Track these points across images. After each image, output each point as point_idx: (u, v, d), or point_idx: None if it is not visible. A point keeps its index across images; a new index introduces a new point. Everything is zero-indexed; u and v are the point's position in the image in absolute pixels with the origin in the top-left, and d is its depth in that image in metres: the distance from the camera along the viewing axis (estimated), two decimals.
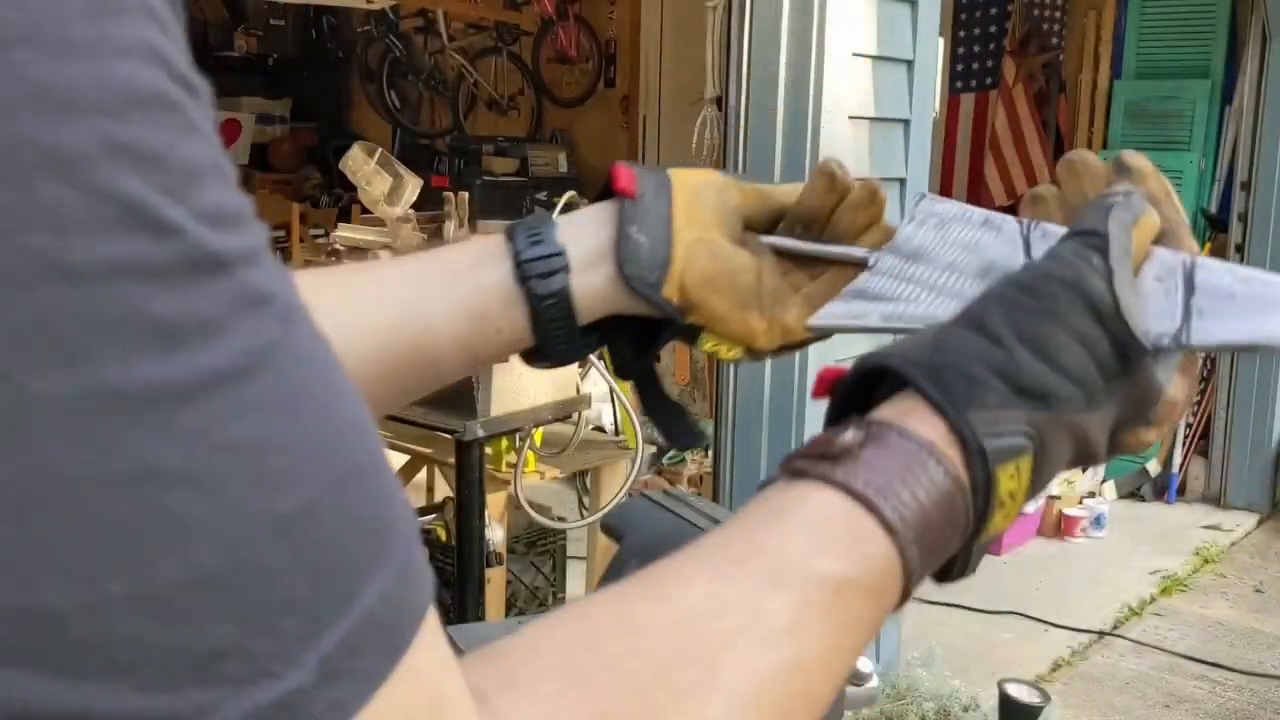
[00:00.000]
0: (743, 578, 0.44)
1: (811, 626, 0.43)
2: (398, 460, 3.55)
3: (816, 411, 3.02)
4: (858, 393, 0.52)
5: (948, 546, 0.48)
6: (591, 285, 0.67)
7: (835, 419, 0.52)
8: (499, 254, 0.67)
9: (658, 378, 0.74)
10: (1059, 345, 0.49)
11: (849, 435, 0.47)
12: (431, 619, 0.34)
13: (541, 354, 0.69)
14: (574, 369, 2.87)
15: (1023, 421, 0.48)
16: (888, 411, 0.49)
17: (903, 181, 3.09)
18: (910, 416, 0.48)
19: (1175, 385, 0.55)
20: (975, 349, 0.49)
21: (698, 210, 0.69)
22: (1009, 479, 0.47)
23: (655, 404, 0.75)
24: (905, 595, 0.47)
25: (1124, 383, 0.51)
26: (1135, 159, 0.60)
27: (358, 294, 0.66)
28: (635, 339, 0.72)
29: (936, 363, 0.49)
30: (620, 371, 0.73)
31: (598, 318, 0.69)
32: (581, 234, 0.68)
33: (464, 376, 0.77)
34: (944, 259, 0.65)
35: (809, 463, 0.47)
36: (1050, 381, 0.49)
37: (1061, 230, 0.59)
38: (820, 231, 0.72)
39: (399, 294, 0.66)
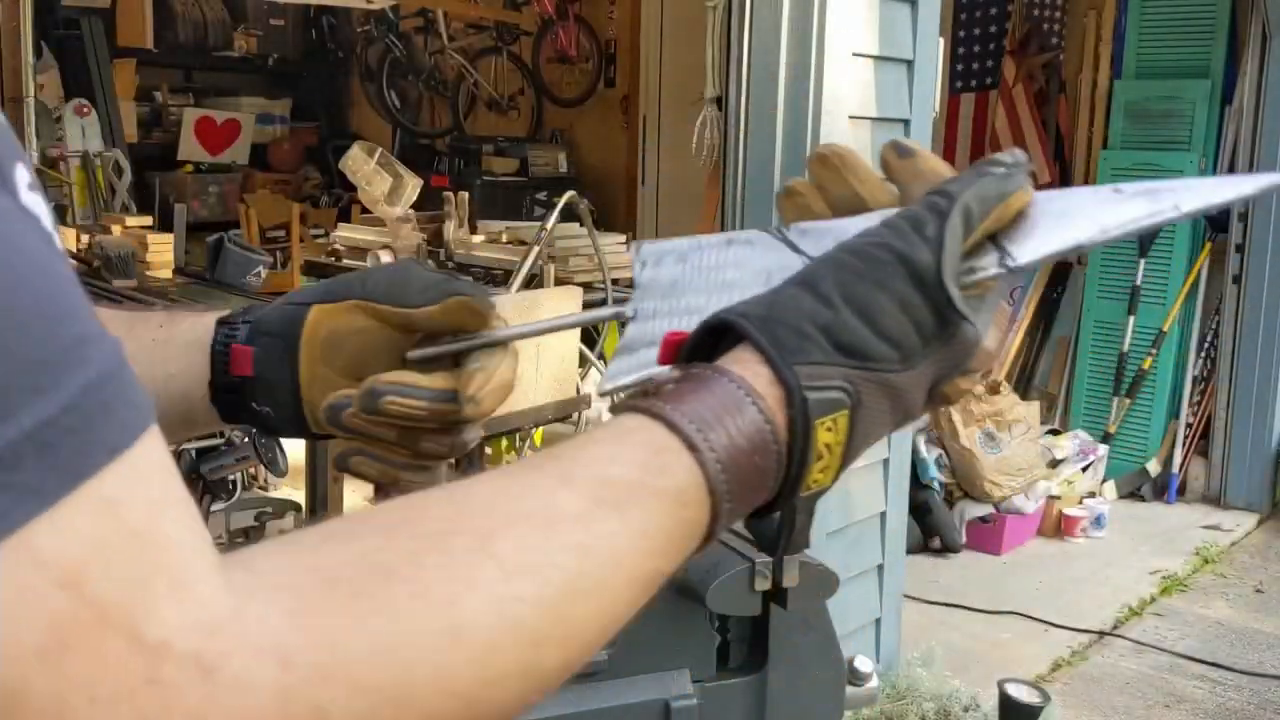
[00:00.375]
0: (536, 476, 0.47)
1: (601, 521, 0.45)
2: None
3: None
4: (701, 353, 0.55)
5: (762, 480, 0.50)
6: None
7: None
8: (203, 361, 0.73)
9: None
10: (881, 309, 0.53)
11: (666, 374, 0.51)
12: (143, 463, 0.36)
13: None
14: (574, 369, 2.88)
15: (842, 378, 0.52)
16: (720, 361, 0.52)
17: None
18: (737, 363, 0.51)
19: (991, 336, 0.58)
20: (807, 307, 0.53)
21: (320, 372, 0.72)
22: (826, 431, 0.51)
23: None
24: (715, 519, 0.49)
25: (941, 344, 0.54)
26: (911, 142, 0.62)
27: None
28: None
29: (770, 317, 0.52)
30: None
31: None
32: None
33: None
34: (713, 281, 0.65)
35: (627, 401, 0.51)
36: (870, 343, 0.52)
37: (823, 225, 0.62)
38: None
39: None
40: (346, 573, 0.40)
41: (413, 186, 4.25)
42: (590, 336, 3.50)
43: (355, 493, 4.45)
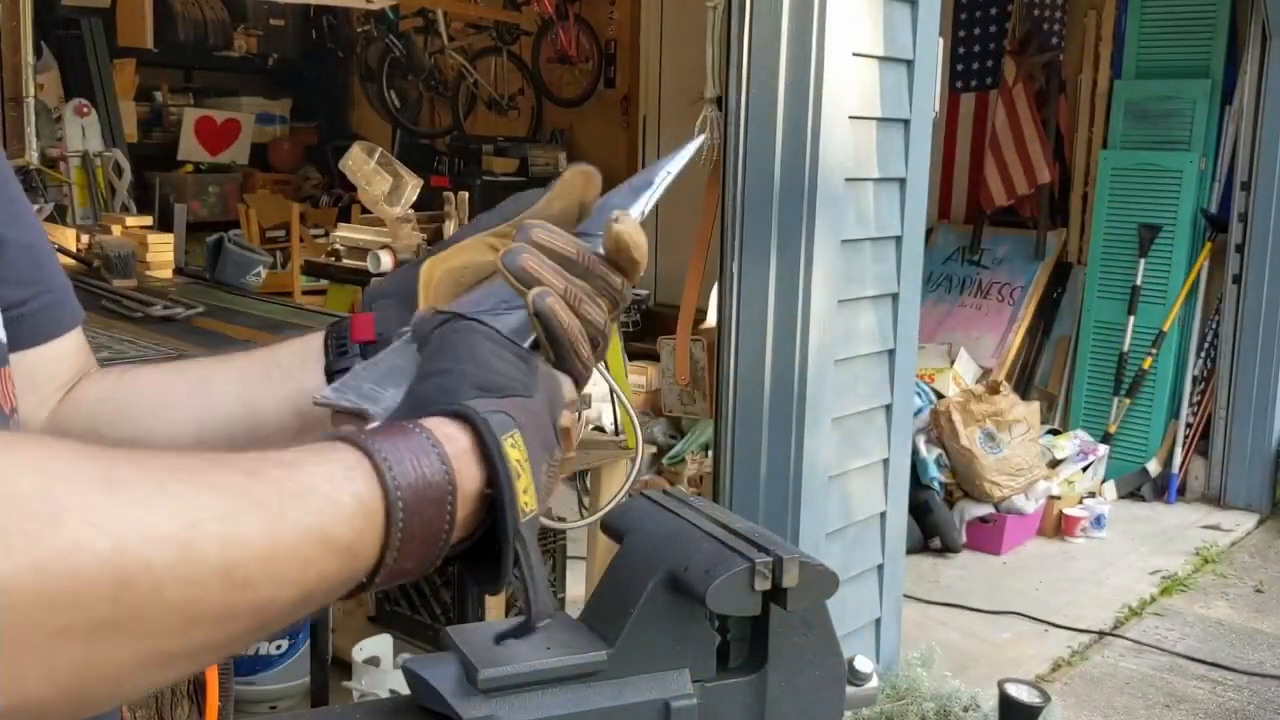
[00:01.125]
0: (229, 460, 0.51)
1: (255, 486, 0.49)
2: None
3: (816, 414, 3.02)
4: None
5: (434, 486, 0.55)
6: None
7: None
8: (319, 357, 0.78)
9: None
10: (486, 358, 0.64)
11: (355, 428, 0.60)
12: None
13: None
14: None
15: (496, 406, 0.60)
16: None
17: (902, 181, 3.09)
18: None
19: (566, 387, 0.68)
20: (439, 380, 0.63)
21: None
22: (512, 447, 0.59)
23: None
24: (389, 515, 0.53)
25: (537, 377, 0.65)
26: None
27: (218, 404, 0.80)
28: None
29: (417, 401, 0.63)
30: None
31: None
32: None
33: None
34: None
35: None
36: (497, 378, 0.63)
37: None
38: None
39: (245, 399, 0.80)
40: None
41: (413, 186, 4.25)
42: None
43: None
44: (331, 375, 0.75)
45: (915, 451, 4.37)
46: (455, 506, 0.57)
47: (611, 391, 3.07)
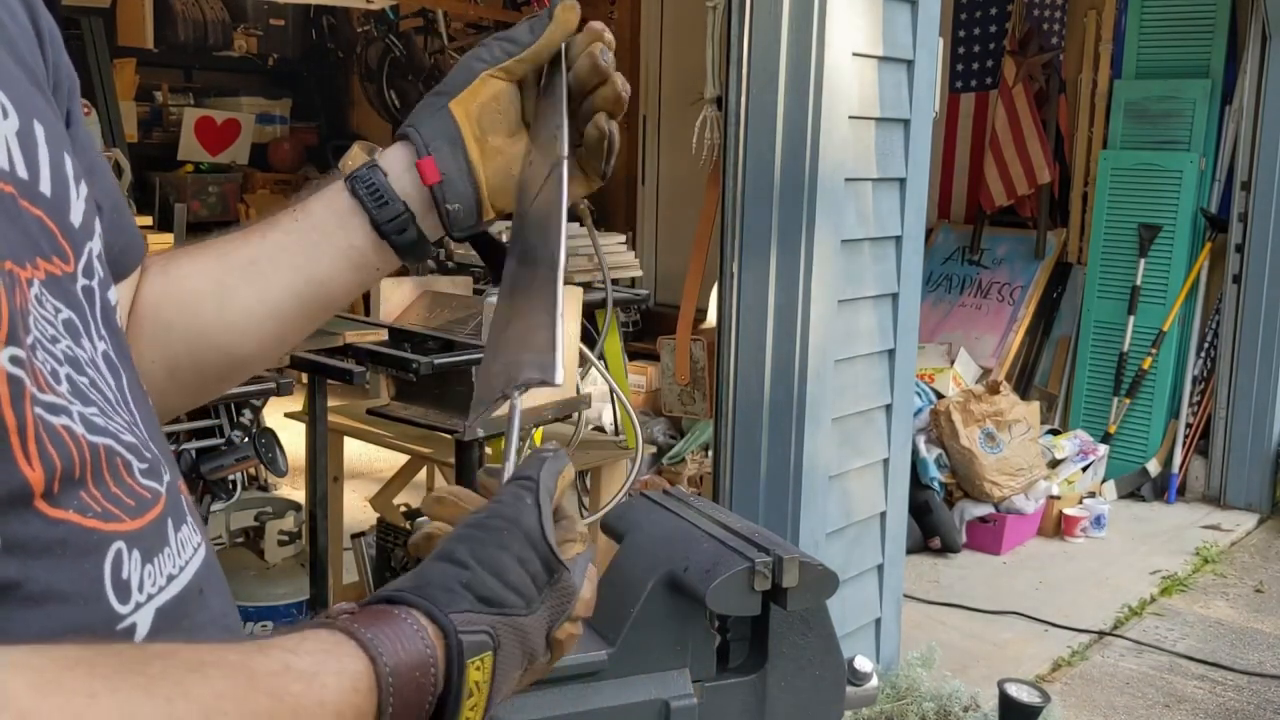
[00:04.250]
0: (241, 647, 0.55)
1: (291, 681, 0.54)
2: (397, 460, 3.55)
3: (816, 414, 3.02)
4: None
5: (421, 695, 0.60)
6: (433, 225, 0.88)
7: None
8: (355, 213, 0.86)
9: (489, 234, 0.93)
10: (505, 566, 0.65)
11: (344, 606, 0.63)
12: None
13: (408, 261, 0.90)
14: (574, 369, 2.88)
15: (486, 625, 0.63)
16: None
17: (903, 181, 3.09)
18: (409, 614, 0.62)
19: (586, 587, 0.70)
20: (450, 573, 0.65)
21: (488, 143, 0.87)
22: (475, 670, 0.62)
23: (489, 254, 0.94)
24: (380, 713, 0.58)
25: (550, 590, 0.67)
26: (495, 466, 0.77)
27: (274, 280, 0.87)
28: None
29: (420, 584, 0.64)
30: (454, 237, 0.91)
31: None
32: (413, 186, 0.87)
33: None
34: None
35: (314, 620, 0.62)
36: (502, 593, 0.64)
37: None
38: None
39: (297, 266, 0.87)
40: (87, 655, 0.47)
41: None
42: (590, 337, 3.51)
43: (355, 493, 4.45)
44: (379, 226, 0.84)
45: (915, 451, 4.37)
46: (435, 690, 0.61)
47: (611, 391, 3.07)
